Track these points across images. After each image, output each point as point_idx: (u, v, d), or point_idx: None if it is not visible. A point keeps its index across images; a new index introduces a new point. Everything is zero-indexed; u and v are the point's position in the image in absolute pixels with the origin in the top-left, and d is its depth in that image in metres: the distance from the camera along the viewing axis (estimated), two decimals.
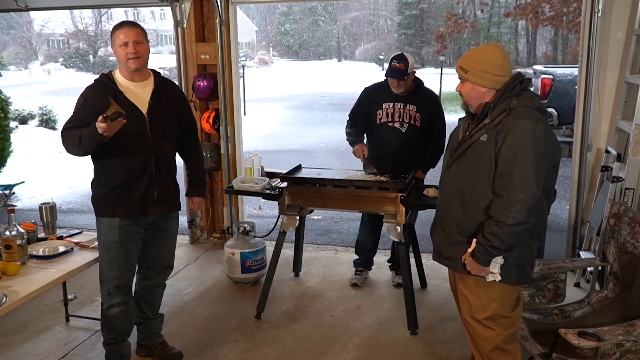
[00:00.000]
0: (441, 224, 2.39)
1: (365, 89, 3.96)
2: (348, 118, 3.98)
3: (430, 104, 3.82)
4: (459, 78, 2.30)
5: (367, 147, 3.86)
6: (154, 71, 2.89)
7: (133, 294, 3.01)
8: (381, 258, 4.40)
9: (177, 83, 4.25)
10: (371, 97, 3.87)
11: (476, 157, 2.21)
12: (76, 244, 3.18)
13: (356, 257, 4.25)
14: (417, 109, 3.75)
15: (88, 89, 2.76)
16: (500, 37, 31.24)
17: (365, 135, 3.95)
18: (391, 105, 3.77)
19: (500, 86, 2.24)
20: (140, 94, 2.79)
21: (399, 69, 3.62)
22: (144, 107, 2.77)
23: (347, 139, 3.94)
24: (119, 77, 2.79)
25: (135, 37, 2.70)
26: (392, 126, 3.78)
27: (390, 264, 4.24)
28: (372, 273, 4.27)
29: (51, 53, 37.07)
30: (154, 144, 2.77)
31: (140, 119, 2.75)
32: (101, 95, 2.69)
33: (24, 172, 8.35)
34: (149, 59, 2.81)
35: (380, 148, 3.86)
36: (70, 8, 17.54)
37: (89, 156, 2.79)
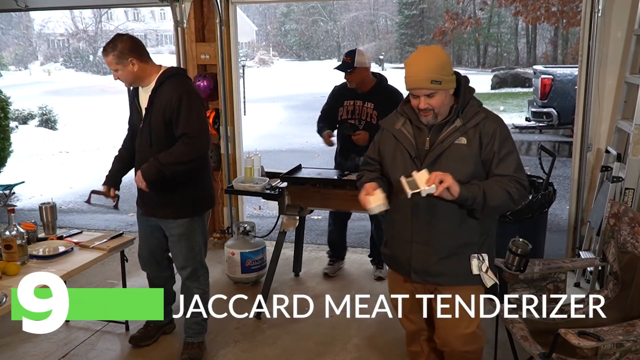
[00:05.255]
0: (424, 239, 2.27)
1: (335, 87, 4.12)
2: (320, 114, 4.15)
3: (388, 101, 3.79)
4: (430, 94, 2.15)
5: (331, 133, 4.03)
6: (163, 72, 2.88)
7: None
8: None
9: None
10: (337, 95, 4.02)
11: (457, 161, 2.17)
12: (76, 244, 3.17)
13: (329, 249, 4.44)
14: (374, 107, 3.83)
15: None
16: (500, 37, 31.22)
17: (330, 126, 4.07)
18: (352, 102, 3.90)
19: None
20: (144, 98, 2.89)
21: (344, 61, 3.80)
22: (144, 112, 2.88)
23: (317, 130, 4.09)
24: None
25: (109, 65, 2.80)
26: (351, 123, 3.88)
27: (371, 258, 4.32)
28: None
29: (51, 53, 37.04)
30: (142, 149, 2.89)
31: (139, 122, 2.89)
32: (131, 94, 3.00)
33: (24, 172, 8.34)
34: (139, 74, 2.83)
35: (342, 143, 4.01)
36: (70, 8, 17.57)
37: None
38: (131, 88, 2.98)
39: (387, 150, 2.34)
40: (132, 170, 3.05)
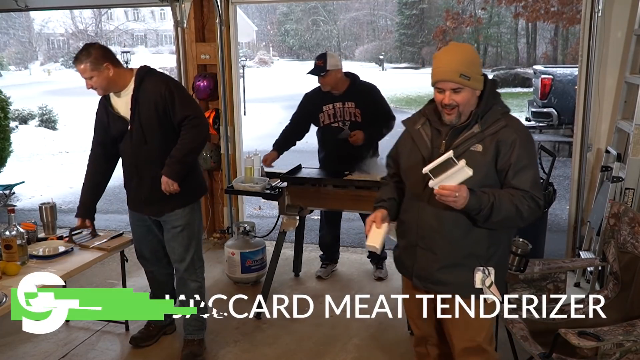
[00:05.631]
0: (428, 245, 2.18)
1: (306, 94, 4.05)
2: (289, 123, 4.10)
3: (367, 97, 3.85)
4: (456, 88, 2.03)
5: (276, 157, 4.00)
6: (138, 71, 2.90)
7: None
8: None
9: None
10: (312, 102, 3.96)
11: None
12: (76, 244, 3.17)
13: (322, 253, 4.39)
14: (355, 105, 3.82)
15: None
16: (500, 37, 31.22)
17: (286, 146, 4.11)
18: (331, 106, 3.86)
19: None
20: (121, 104, 2.91)
21: (317, 65, 3.76)
22: (127, 115, 2.89)
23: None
24: None
25: (83, 73, 2.81)
26: (335, 126, 3.86)
27: (370, 259, 4.31)
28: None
29: (51, 53, 37.04)
30: (134, 151, 2.91)
31: (125, 127, 2.90)
32: (102, 106, 3.00)
33: (24, 172, 8.34)
34: (114, 78, 2.84)
35: (330, 148, 3.98)
36: (70, 8, 17.55)
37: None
38: (97, 108, 3.04)
39: (404, 150, 2.28)
40: (125, 174, 3.09)
